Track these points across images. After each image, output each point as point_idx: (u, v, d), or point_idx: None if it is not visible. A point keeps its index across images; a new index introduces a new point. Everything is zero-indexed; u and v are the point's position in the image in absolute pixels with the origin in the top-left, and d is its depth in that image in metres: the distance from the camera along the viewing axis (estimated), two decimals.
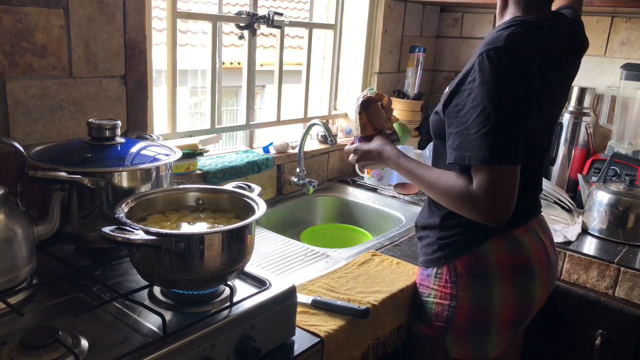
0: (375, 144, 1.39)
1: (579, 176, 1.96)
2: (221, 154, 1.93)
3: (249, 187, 1.16)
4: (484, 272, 1.24)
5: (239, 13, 1.87)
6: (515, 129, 1.08)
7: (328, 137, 1.93)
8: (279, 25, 1.94)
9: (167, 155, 1.23)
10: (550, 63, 1.18)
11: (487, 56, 1.07)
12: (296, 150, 2.03)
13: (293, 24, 2.09)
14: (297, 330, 1.11)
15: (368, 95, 1.41)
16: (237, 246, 0.98)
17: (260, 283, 1.09)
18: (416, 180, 1.28)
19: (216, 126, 1.89)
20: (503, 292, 1.24)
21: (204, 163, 1.77)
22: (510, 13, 1.23)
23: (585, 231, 1.79)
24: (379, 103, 1.43)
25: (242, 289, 1.07)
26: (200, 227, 1.07)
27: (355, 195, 2.18)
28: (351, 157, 1.45)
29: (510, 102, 1.08)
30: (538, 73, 1.11)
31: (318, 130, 2.28)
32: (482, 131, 1.07)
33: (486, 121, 1.06)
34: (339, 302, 1.21)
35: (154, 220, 1.07)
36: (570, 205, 1.95)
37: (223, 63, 1.89)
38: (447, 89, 1.20)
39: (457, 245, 1.26)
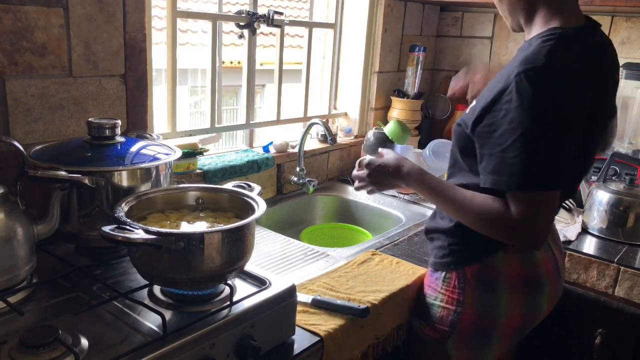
0: (392, 157, 1.28)
1: None
2: (221, 153, 1.93)
3: (249, 186, 1.16)
4: (493, 282, 1.22)
5: (239, 12, 1.87)
6: (556, 154, 1.04)
7: (328, 137, 1.93)
8: (279, 25, 1.94)
9: (167, 154, 1.23)
10: (590, 78, 1.11)
11: (526, 76, 1.01)
12: (296, 150, 2.03)
13: (293, 23, 2.08)
14: (297, 329, 1.11)
15: None
16: (237, 245, 0.98)
17: (260, 282, 1.09)
18: (444, 201, 1.19)
19: (216, 125, 1.89)
20: (510, 303, 1.23)
21: (204, 162, 1.77)
22: (543, 17, 1.14)
23: (585, 230, 1.79)
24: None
25: (242, 288, 1.07)
26: (200, 226, 1.07)
27: (355, 194, 2.18)
28: (361, 172, 1.31)
29: (552, 126, 1.02)
30: (578, 94, 1.05)
31: (318, 130, 2.28)
32: (521, 156, 1.02)
33: (525, 146, 1.01)
34: (338, 302, 1.21)
35: (154, 219, 1.07)
36: (570, 205, 1.95)
37: (223, 62, 1.89)
38: (474, 103, 1.15)
39: (469, 252, 1.24)
